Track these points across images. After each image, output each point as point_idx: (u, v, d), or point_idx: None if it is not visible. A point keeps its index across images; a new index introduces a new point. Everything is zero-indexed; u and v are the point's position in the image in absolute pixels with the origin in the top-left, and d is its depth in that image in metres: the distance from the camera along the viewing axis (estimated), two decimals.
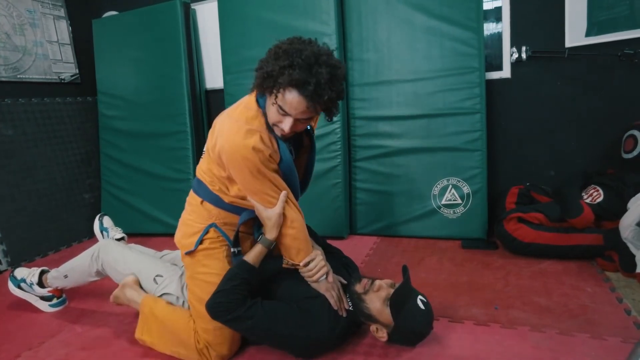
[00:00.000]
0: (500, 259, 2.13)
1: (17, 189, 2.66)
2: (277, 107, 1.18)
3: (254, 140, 1.23)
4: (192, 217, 1.48)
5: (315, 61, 1.12)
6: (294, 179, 1.39)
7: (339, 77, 1.18)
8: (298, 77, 1.11)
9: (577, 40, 2.24)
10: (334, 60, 1.17)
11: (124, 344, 1.61)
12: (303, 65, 1.11)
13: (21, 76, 2.74)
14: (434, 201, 2.46)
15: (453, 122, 2.38)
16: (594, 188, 2.10)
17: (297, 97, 1.14)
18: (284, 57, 1.13)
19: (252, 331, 1.35)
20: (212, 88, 3.07)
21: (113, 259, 1.70)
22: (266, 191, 1.31)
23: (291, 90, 1.14)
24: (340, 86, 1.19)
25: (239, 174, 1.28)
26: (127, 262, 1.68)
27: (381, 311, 1.35)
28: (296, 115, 1.18)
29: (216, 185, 1.40)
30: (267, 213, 1.33)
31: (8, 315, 1.95)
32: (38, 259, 2.72)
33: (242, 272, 1.33)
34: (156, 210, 2.94)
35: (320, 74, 1.12)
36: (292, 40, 1.19)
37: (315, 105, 1.16)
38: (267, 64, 1.17)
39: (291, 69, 1.11)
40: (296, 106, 1.16)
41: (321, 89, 1.13)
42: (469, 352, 1.40)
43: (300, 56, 1.12)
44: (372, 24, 2.48)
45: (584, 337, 1.42)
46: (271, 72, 1.15)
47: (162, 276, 1.61)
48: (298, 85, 1.12)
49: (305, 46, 1.15)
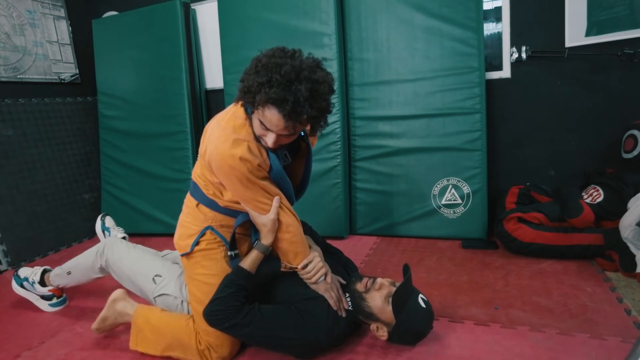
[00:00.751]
0: (500, 258, 2.13)
1: (17, 189, 2.66)
2: (259, 121, 1.15)
3: (241, 150, 1.20)
4: (189, 220, 1.48)
5: (296, 77, 1.06)
6: (286, 185, 1.37)
7: (322, 92, 1.10)
8: (275, 95, 1.05)
9: (577, 40, 2.24)
10: (318, 74, 1.10)
11: (123, 344, 1.61)
12: (281, 82, 1.05)
13: (21, 76, 2.74)
14: (434, 201, 2.46)
15: (453, 122, 2.38)
16: (594, 188, 2.10)
17: (276, 114, 1.09)
18: (263, 73, 1.08)
19: (251, 337, 1.36)
20: (212, 88, 3.07)
21: (118, 257, 1.70)
22: (258, 199, 1.30)
23: (270, 108, 1.09)
24: (323, 102, 1.11)
25: (229, 182, 1.28)
26: (130, 260, 1.68)
27: (382, 309, 1.36)
28: (277, 132, 1.14)
29: (210, 190, 1.40)
30: (262, 219, 1.33)
31: (8, 315, 1.95)
32: (38, 259, 2.72)
33: (239, 279, 1.33)
34: (156, 210, 2.94)
35: (299, 91, 1.05)
36: (274, 52, 1.13)
37: (295, 123, 1.11)
38: (248, 77, 1.12)
39: (268, 86, 1.06)
40: (276, 123, 1.11)
41: (300, 107, 1.07)
42: (469, 352, 1.40)
43: (279, 72, 1.06)
44: (372, 24, 2.48)
45: (584, 337, 1.42)
46: (249, 88, 1.11)
47: (161, 276, 1.61)
48: (276, 104, 1.07)
49: (286, 60, 1.09)
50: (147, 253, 1.76)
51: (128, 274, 1.67)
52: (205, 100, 3.07)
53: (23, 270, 1.97)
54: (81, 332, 1.73)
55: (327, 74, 1.14)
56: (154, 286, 1.59)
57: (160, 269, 1.64)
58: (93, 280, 1.85)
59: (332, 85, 1.14)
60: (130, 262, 1.68)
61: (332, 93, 1.16)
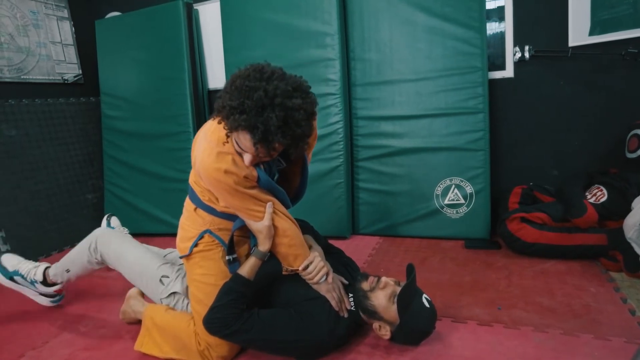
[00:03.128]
0: (503, 258, 2.13)
1: (20, 189, 2.67)
2: (235, 142, 1.14)
3: (225, 164, 1.18)
4: (188, 223, 1.48)
5: (269, 103, 1.02)
6: (278, 193, 1.35)
7: (297, 120, 1.05)
8: (244, 123, 1.03)
9: (580, 40, 2.23)
10: (294, 101, 1.04)
11: (127, 343, 1.61)
12: (252, 109, 1.02)
13: (25, 77, 2.75)
14: (436, 201, 2.46)
15: (456, 122, 2.38)
16: (598, 188, 2.09)
17: (247, 139, 1.07)
18: (236, 96, 1.04)
19: (252, 342, 1.36)
20: (215, 88, 3.07)
21: (115, 256, 1.68)
22: (249, 207, 1.28)
23: (242, 132, 1.07)
24: (297, 129, 1.06)
25: (218, 193, 1.28)
26: (130, 259, 1.67)
27: (387, 308, 1.36)
28: (252, 154, 1.13)
29: (206, 196, 1.40)
30: (257, 226, 1.32)
31: (12, 315, 1.95)
32: (41, 258, 2.73)
33: (237, 286, 1.33)
34: (159, 210, 2.95)
35: (270, 119, 1.02)
36: (250, 72, 1.06)
37: (268, 149, 1.08)
38: (223, 96, 1.09)
39: (239, 112, 1.03)
40: (249, 147, 1.10)
41: (271, 135, 1.04)
42: (472, 352, 1.40)
43: (251, 97, 1.02)
44: (374, 24, 2.48)
45: (588, 338, 1.42)
46: (222, 110, 1.08)
47: (168, 277, 1.61)
48: (247, 129, 1.05)
49: (260, 84, 1.03)
50: (146, 251, 1.73)
51: (130, 273, 1.67)
52: (207, 101, 3.08)
53: (8, 261, 1.83)
54: (84, 332, 1.73)
55: (305, 98, 1.07)
56: (162, 287, 1.59)
57: (166, 269, 1.64)
58: (96, 271, 1.84)
59: (309, 111, 1.09)
60: (131, 261, 1.67)
61: (312, 118, 1.11)
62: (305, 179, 1.46)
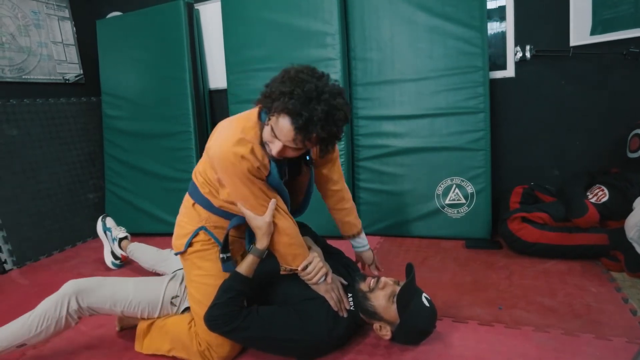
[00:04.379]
0: (504, 258, 2.12)
1: (22, 189, 2.67)
2: (270, 127, 1.19)
3: (244, 149, 1.23)
4: (185, 219, 1.49)
5: (316, 97, 1.11)
6: (283, 193, 1.37)
7: (337, 118, 1.15)
8: (292, 107, 1.10)
9: (582, 39, 2.23)
10: (337, 101, 1.15)
11: (128, 343, 1.61)
12: (301, 97, 1.10)
13: (26, 77, 2.75)
14: (437, 201, 2.46)
15: (457, 122, 2.38)
16: (599, 187, 2.09)
17: (288, 125, 1.13)
18: (288, 84, 1.13)
19: (251, 340, 1.36)
20: (216, 88, 3.08)
21: (103, 300, 1.45)
22: (255, 197, 1.29)
23: (284, 117, 1.13)
24: (334, 128, 1.16)
25: (228, 178, 1.28)
26: (131, 299, 1.49)
27: (387, 308, 1.36)
28: (285, 142, 1.18)
29: (206, 188, 1.40)
30: (257, 222, 1.32)
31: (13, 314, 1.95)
32: (43, 258, 2.74)
33: (236, 284, 1.33)
34: (159, 210, 2.95)
35: (316, 110, 1.10)
36: (303, 68, 1.18)
37: (303, 139, 1.15)
38: (273, 84, 1.18)
39: (289, 97, 1.11)
40: (285, 133, 1.15)
41: (312, 125, 1.11)
42: (473, 352, 1.39)
43: (302, 87, 1.11)
44: (375, 23, 2.48)
45: (589, 338, 1.41)
46: (271, 94, 1.16)
47: (178, 296, 1.56)
48: (290, 114, 1.11)
49: (312, 79, 1.14)
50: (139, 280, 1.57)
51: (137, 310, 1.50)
52: (208, 100, 3.08)
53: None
54: (85, 331, 1.73)
55: (346, 103, 1.18)
56: (175, 308, 1.56)
57: (171, 287, 1.56)
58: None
59: (347, 115, 1.19)
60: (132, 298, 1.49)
61: (346, 122, 1.20)
62: (309, 198, 1.53)
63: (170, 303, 1.55)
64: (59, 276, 2.39)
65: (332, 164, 1.56)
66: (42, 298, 1.47)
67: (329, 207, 1.67)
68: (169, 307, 1.55)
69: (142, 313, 1.51)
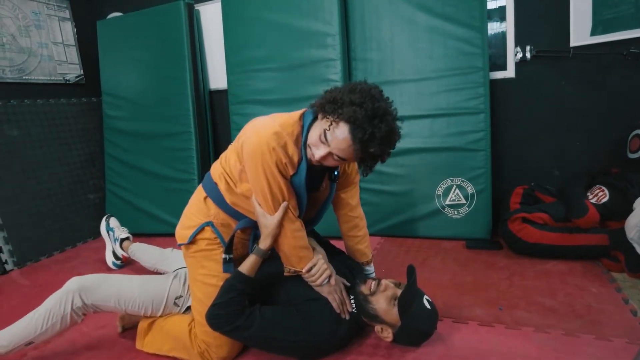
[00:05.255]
0: (504, 259, 2.13)
1: (22, 189, 2.68)
2: (322, 132, 1.19)
3: (276, 143, 1.22)
4: (193, 211, 1.48)
5: (382, 115, 1.15)
6: (300, 198, 1.36)
7: (392, 141, 1.21)
8: (359, 118, 1.13)
9: (582, 40, 2.23)
10: (396, 126, 1.20)
11: (129, 343, 1.61)
12: (369, 111, 1.13)
13: (27, 77, 2.75)
14: (437, 201, 2.46)
15: (457, 122, 2.38)
16: (599, 188, 2.09)
17: (346, 134, 1.15)
18: (359, 95, 1.15)
19: (253, 340, 1.36)
20: (216, 89, 3.08)
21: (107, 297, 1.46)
22: (272, 194, 1.28)
23: (345, 125, 1.15)
24: (388, 149, 1.22)
25: (253, 167, 1.27)
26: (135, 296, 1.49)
27: (387, 311, 1.36)
28: (333, 149, 1.19)
29: (222, 182, 1.40)
30: (266, 220, 1.32)
31: (14, 314, 1.95)
32: (43, 258, 2.74)
33: (238, 284, 1.33)
34: (160, 210, 2.95)
35: (380, 128, 1.14)
36: (375, 87, 1.21)
37: (357, 151, 1.17)
38: (340, 91, 1.19)
39: (359, 107, 1.13)
40: (339, 141, 1.17)
41: (371, 141, 1.15)
42: (473, 353, 1.40)
43: (372, 103, 1.14)
44: (375, 24, 2.48)
45: (589, 338, 1.42)
46: (338, 100, 1.17)
47: (182, 296, 1.57)
48: (355, 124, 1.13)
49: (380, 99, 1.18)
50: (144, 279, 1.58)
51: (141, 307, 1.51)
52: (209, 101, 3.08)
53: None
54: (87, 332, 1.74)
55: (400, 131, 1.24)
56: (178, 308, 1.56)
57: (175, 286, 1.57)
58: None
59: (397, 140, 1.24)
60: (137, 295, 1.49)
61: (394, 147, 1.25)
62: (320, 216, 1.54)
63: (174, 303, 1.55)
64: (59, 276, 2.39)
65: (352, 187, 1.58)
66: (43, 298, 1.48)
67: (342, 232, 1.67)
68: (172, 306, 1.55)
69: (145, 311, 1.52)
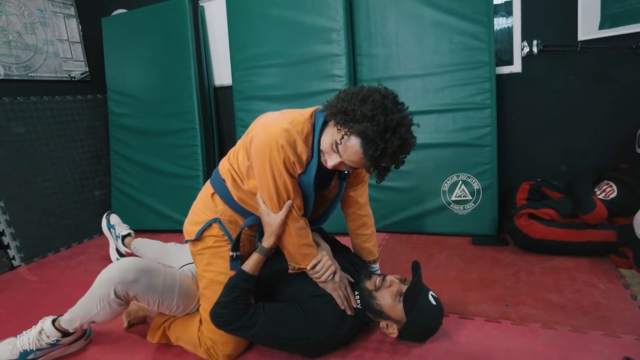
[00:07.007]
0: (510, 255, 2.11)
1: (28, 186, 2.69)
2: (334, 142, 1.17)
3: (285, 140, 1.21)
4: (200, 207, 1.48)
5: (394, 128, 1.11)
6: (307, 198, 1.35)
7: (406, 151, 1.18)
8: (371, 134, 1.09)
9: (590, 34, 2.20)
10: (410, 134, 1.17)
11: (134, 337, 1.62)
12: (382, 125, 1.09)
13: (32, 75, 2.77)
14: (443, 197, 2.45)
15: (463, 118, 2.36)
16: (607, 184, 2.07)
17: (357, 148, 1.13)
18: (370, 107, 1.11)
19: (258, 338, 1.37)
20: (221, 85, 3.08)
21: (170, 284, 1.44)
22: (277, 192, 1.28)
23: (357, 138, 1.12)
24: (402, 159, 1.19)
25: (260, 164, 1.26)
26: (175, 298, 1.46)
27: (392, 307, 1.35)
28: (345, 160, 1.18)
29: (229, 178, 1.40)
30: (270, 219, 1.32)
31: (18, 311, 1.97)
32: (50, 254, 2.76)
33: (242, 283, 1.33)
34: (165, 207, 2.96)
35: (392, 142, 1.11)
36: (388, 94, 1.16)
37: (368, 165, 1.16)
38: (351, 101, 1.14)
39: (370, 122, 1.09)
40: (350, 154, 1.15)
41: (383, 156, 1.12)
42: (479, 349, 1.39)
43: (385, 116, 1.10)
44: (381, 19, 2.47)
45: (597, 335, 1.40)
46: (349, 112, 1.13)
47: None
48: (366, 139, 1.10)
49: (395, 108, 1.13)
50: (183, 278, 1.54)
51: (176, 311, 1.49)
52: (214, 98, 3.08)
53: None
54: (93, 327, 1.74)
55: (414, 139, 1.20)
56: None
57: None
58: None
59: (411, 150, 1.21)
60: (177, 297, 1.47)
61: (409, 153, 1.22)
62: (328, 215, 1.52)
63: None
64: (66, 272, 2.41)
65: (362, 186, 1.56)
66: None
67: (350, 230, 1.65)
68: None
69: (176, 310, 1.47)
